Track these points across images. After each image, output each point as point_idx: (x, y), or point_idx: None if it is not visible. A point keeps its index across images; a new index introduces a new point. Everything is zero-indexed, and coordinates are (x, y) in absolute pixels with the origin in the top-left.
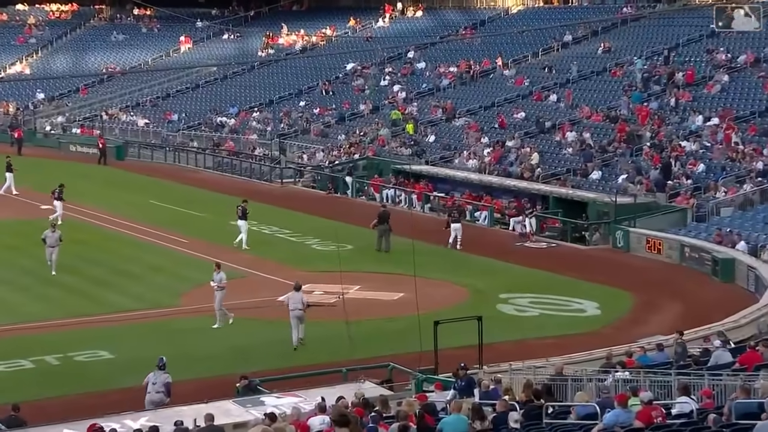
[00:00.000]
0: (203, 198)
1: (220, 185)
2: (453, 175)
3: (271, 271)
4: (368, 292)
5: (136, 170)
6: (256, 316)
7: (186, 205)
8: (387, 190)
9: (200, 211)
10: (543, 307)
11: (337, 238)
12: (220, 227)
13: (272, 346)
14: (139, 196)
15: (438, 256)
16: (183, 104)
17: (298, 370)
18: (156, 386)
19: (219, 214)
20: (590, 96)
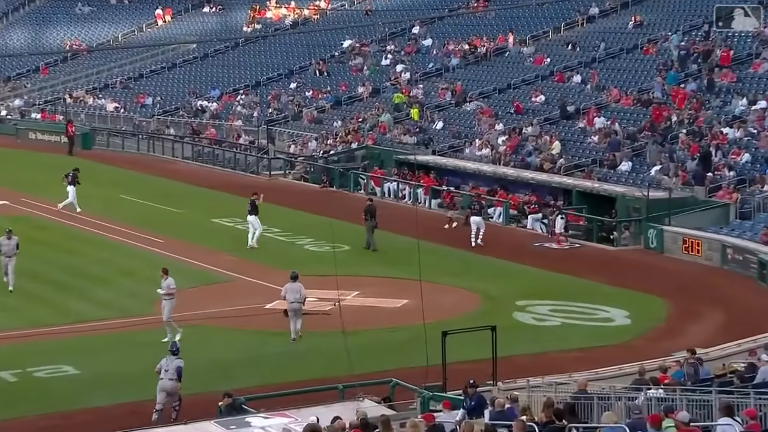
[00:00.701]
0: (181, 192)
1: (200, 178)
2: (463, 166)
3: (258, 274)
4: (368, 298)
5: (105, 161)
6: (241, 326)
7: (161, 201)
8: (389, 184)
9: (177, 207)
10: (565, 315)
11: (332, 238)
12: (201, 225)
13: (259, 359)
14: (108, 190)
15: (446, 257)
16: (158, 86)
17: (289, 386)
18: (168, 373)
19: (199, 210)
20: (619, 77)
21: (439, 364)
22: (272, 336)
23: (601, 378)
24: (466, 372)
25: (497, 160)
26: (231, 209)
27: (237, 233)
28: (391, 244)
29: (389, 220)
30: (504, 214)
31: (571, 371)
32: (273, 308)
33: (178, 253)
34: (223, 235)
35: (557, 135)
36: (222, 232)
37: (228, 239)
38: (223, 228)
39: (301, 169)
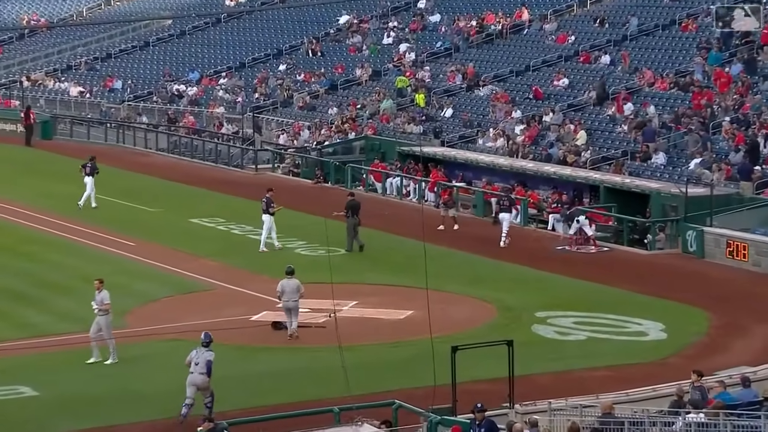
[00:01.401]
0: (155, 189)
1: (176, 172)
2: (476, 159)
3: (242, 281)
4: (367, 309)
5: (68, 152)
6: (223, 341)
7: (132, 198)
8: (391, 179)
9: (151, 205)
10: (592, 328)
11: (327, 240)
12: (177, 226)
13: (243, 378)
14: (71, 186)
15: (457, 262)
16: (128, 68)
17: (277, 409)
18: (199, 366)
19: (175, 209)
20: (654, 57)
21: (448, 383)
22: (258, 352)
23: (633, 400)
24: (479, 393)
25: (514, 152)
26: (212, 208)
27: (218, 235)
28: (394, 247)
29: (392, 221)
30: (522, 214)
31: (598, 392)
32: (259, 320)
33: (151, 257)
34: (202, 237)
35: (582, 123)
36: (202, 233)
37: (208, 242)
38: (203, 229)
39: (292, 162)
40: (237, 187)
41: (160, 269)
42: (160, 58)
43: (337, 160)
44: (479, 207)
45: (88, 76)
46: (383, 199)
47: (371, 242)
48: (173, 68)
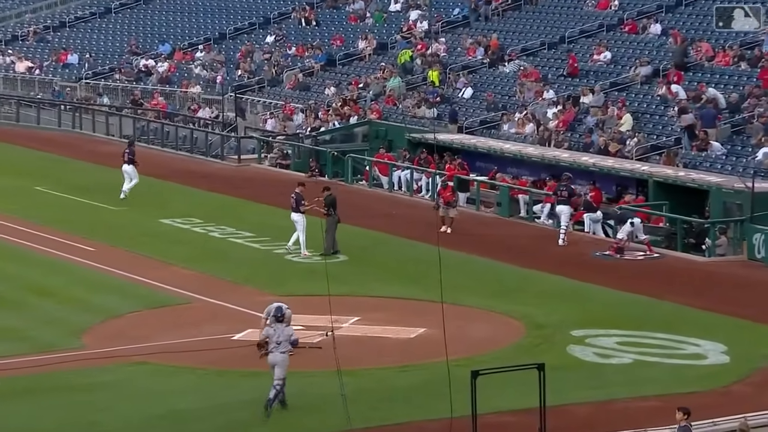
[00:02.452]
0: (118, 183)
1: (144, 164)
2: (500, 148)
3: (223, 294)
4: (371, 326)
5: (13, 139)
6: (201, 365)
7: (91, 195)
8: (399, 172)
9: (114, 203)
10: (639, 350)
11: (324, 245)
12: (146, 228)
13: (224, 409)
14: (18, 179)
15: (478, 271)
16: (86, 39)
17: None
18: (281, 345)
19: (143, 207)
20: (713, 26)
21: (467, 415)
22: (243, 378)
23: None
24: (504, 426)
25: (546, 140)
26: (186, 206)
27: (194, 238)
28: (403, 253)
29: (400, 221)
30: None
31: (646, 426)
32: (243, 340)
33: (114, 264)
34: (175, 240)
35: (628, 106)
36: (174, 236)
37: (182, 246)
38: (176, 231)
39: (281, 152)
40: (216, 182)
41: (124, 279)
42: (123, 28)
43: (336, 149)
44: (504, 205)
45: (38, 48)
46: (390, 196)
47: (375, 247)
48: (140, 40)
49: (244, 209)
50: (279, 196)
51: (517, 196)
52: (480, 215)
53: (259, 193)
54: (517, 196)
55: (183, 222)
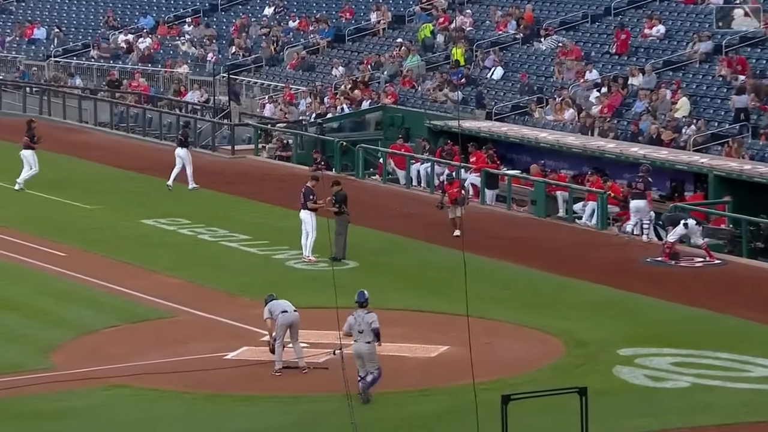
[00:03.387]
0: (93, 177)
1: (123, 155)
2: (535, 138)
3: (214, 306)
4: (386, 343)
5: None
6: (189, 388)
7: (62, 191)
8: (418, 165)
9: (88, 201)
10: (698, 372)
11: (330, 249)
12: (125, 230)
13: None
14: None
15: (509, 279)
16: (56, 11)
17: None
18: (363, 334)
19: (122, 206)
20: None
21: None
22: (237, 404)
23: None
24: None
25: (588, 127)
26: (172, 205)
27: (181, 242)
28: (422, 258)
29: (419, 222)
30: (600, 213)
31: None
32: (238, 359)
33: (89, 272)
34: (159, 244)
35: (685, 88)
36: (158, 239)
37: (168, 251)
38: (160, 233)
39: (281, 142)
40: (207, 176)
41: (99, 288)
42: None
43: (344, 139)
44: (540, 204)
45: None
46: (407, 193)
47: (390, 251)
48: (118, 11)
49: (238, 208)
50: (278, 192)
51: (554, 193)
52: (512, 215)
53: (256, 190)
54: (555, 193)
55: (168, 223)
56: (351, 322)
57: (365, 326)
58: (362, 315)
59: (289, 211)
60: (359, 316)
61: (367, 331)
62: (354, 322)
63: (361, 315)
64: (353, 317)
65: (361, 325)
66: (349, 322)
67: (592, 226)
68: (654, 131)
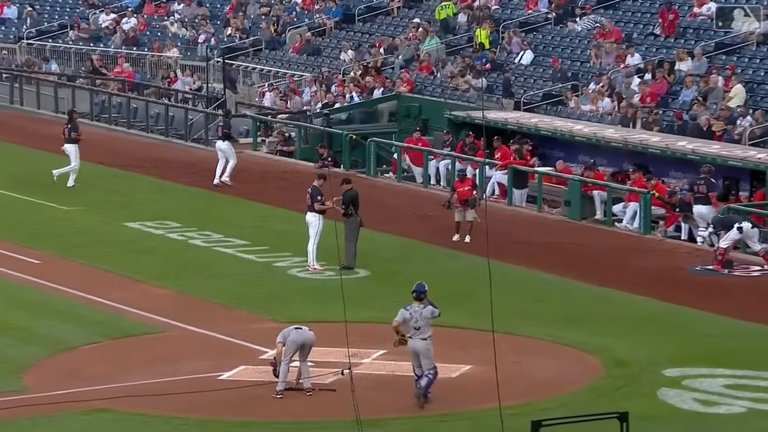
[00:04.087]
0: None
1: (104, 150)
2: (569, 130)
3: (208, 320)
4: (401, 362)
5: None
6: (180, 412)
7: (36, 191)
8: (437, 162)
9: (65, 202)
10: (754, 396)
11: (338, 256)
12: (106, 234)
13: None
14: None
15: (539, 290)
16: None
17: None
18: (421, 330)
19: (103, 208)
20: None
21: None
22: (232, 429)
23: None
24: None
25: (630, 119)
26: (160, 206)
27: (170, 248)
28: (441, 266)
29: (438, 225)
30: (642, 215)
31: None
32: (234, 380)
33: (66, 282)
34: (146, 250)
35: (740, 74)
36: (144, 245)
37: (155, 258)
38: (147, 238)
39: (283, 135)
40: (199, 174)
41: (78, 300)
42: None
43: (354, 132)
44: (574, 205)
45: None
46: (424, 193)
47: (405, 258)
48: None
49: (234, 210)
50: (280, 192)
51: (591, 192)
52: (543, 218)
53: (255, 189)
54: (592, 193)
55: (155, 226)
56: (406, 316)
57: (422, 322)
58: (419, 309)
59: (291, 213)
60: (416, 311)
61: (425, 326)
62: (410, 317)
63: (417, 310)
64: (408, 311)
65: (418, 321)
66: (403, 315)
67: (634, 230)
68: (704, 123)
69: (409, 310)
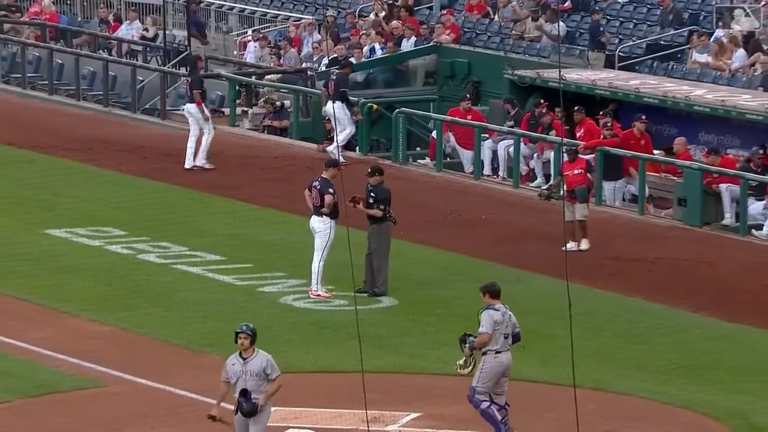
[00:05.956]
0: None
1: (16, 125)
2: (684, 97)
3: (164, 370)
4: (443, 428)
5: None
6: None
7: None
8: (492, 143)
9: None
10: None
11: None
12: (18, 245)
13: None
14: None
15: (640, 327)
16: None
17: None
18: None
19: (15, 207)
20: None
21: None
22: None
23: None
24: None
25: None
26: (95, 205)
27: (111, 265)
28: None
29: (494, 233)
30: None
31: None
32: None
33: None
34: (75, 269)
35: None
36: (73, 261)
37: (88, 281)
38: (76, 252)
39: (271, 105)
40: (152, 160)
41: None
42: None
43: (375, 99)
44: (693, 204)
45: None
46: (475, 187)
47: (447, 281)
48: None
49: (204, 211)
50: (268, 185)
51: (717, 187)
52: (646, 222)
53: (233, 181)
54: (718, 188)
55: (90, 235)
56: (498, 319)
57: (512, 327)
58: (508, 312)
59: (285, 215)
60: (506, 313)
61: (512, 334)
62: (501, 320)
63: (507, 312)
64: (499, 312)
65: (509, 326)
66: (494, 318)
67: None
68: None
69: (500, 311)
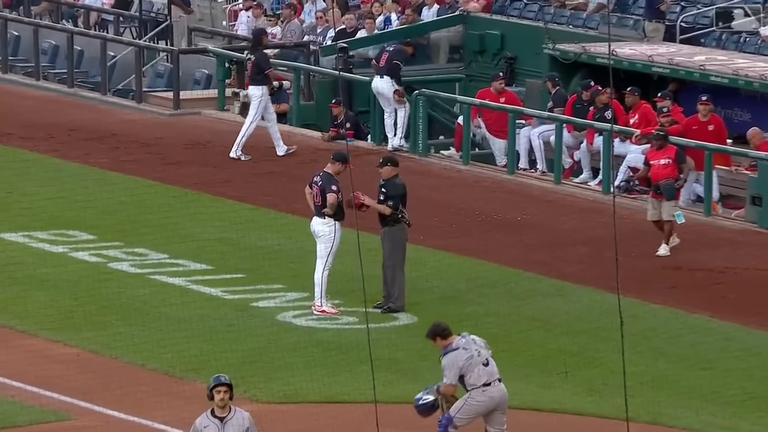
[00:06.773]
0: None
1: None
2: (759, 76)
3: (139, 400)
4: None
5: None
6: None
7: None
8: (531, 130)
9: None
10: None
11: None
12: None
13: None
14: None
15: (707, 351)
16: None
17: None
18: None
19: None
20: None
21: None
22: None
23: None
24: None
25: None
26: (58, 205)
27: (77, 276)
28: (537, 309)
29: (534, 239)
30: None
31: None
32: None
33: None
34: (34, 281)
35: None
36: (30, 271)
37: (51, 293)
38: (36, 259)
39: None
40: (126, 151)
41: None
42: None
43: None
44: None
45: None
46: (509, 182)
47: (479, 295)
48: None
49: (188, 211)
50: (262, 180)
51: None
52: (713, 225)
53: (221, 176)
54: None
55: (52, 239)
56: (462, 360)
57: (485, 348)
58: (470, 338)
59: (283, 216)
60: (468, 343)
61: (493, 365)
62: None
63: (469, 340)
64: (461, 350)
65: (481, 352)
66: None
67: None
68: None
69: (459, 347)
